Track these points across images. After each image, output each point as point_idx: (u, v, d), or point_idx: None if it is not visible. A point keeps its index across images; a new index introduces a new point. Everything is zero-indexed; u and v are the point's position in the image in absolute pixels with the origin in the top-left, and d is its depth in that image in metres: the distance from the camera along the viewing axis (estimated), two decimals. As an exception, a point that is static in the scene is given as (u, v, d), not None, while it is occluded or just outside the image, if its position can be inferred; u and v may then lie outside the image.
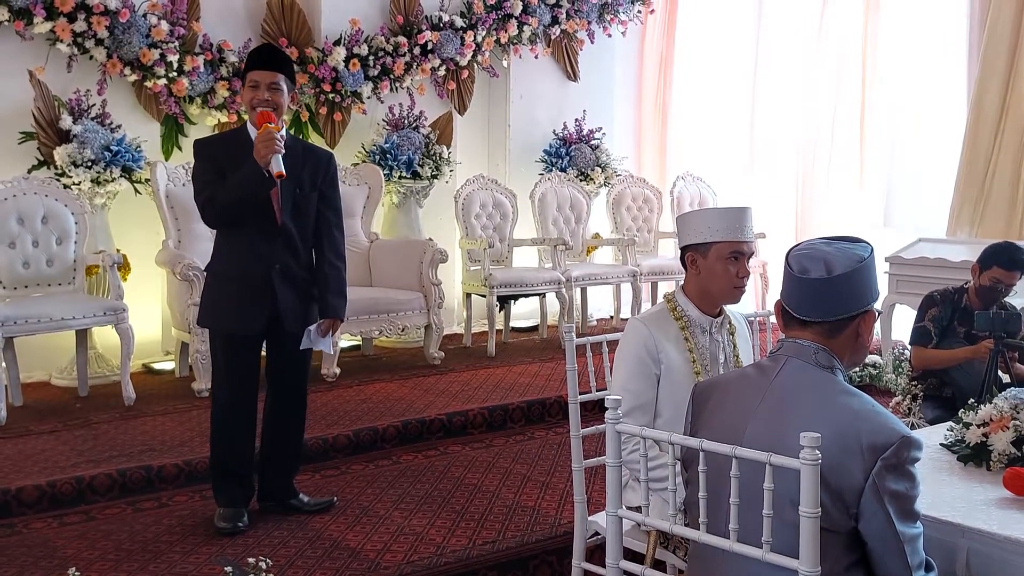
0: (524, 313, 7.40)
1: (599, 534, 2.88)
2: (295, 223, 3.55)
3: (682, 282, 2.82)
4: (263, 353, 3.70)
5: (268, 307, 3.54)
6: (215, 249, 3.65)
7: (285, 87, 3.52)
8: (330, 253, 3.66)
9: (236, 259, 3.54)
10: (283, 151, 3.37)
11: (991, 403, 2.78)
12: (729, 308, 2.82)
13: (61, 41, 5.50)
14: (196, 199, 3.54)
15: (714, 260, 2.67)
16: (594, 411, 3.16)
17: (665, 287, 7.46)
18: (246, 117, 3.59)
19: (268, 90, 3.46)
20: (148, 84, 5.85)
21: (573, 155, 7.58)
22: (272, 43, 5.94)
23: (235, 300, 3.54)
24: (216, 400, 3.66)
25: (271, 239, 3.51)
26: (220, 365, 3.64)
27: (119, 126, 5.65)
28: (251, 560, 3.11)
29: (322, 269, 3.64)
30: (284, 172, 3.37)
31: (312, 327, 3.63)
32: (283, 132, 3.49)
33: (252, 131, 3.50)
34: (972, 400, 2.89)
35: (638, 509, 2.14)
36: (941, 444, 2.77)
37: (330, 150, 3.81)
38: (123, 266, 5.44)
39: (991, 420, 2.69)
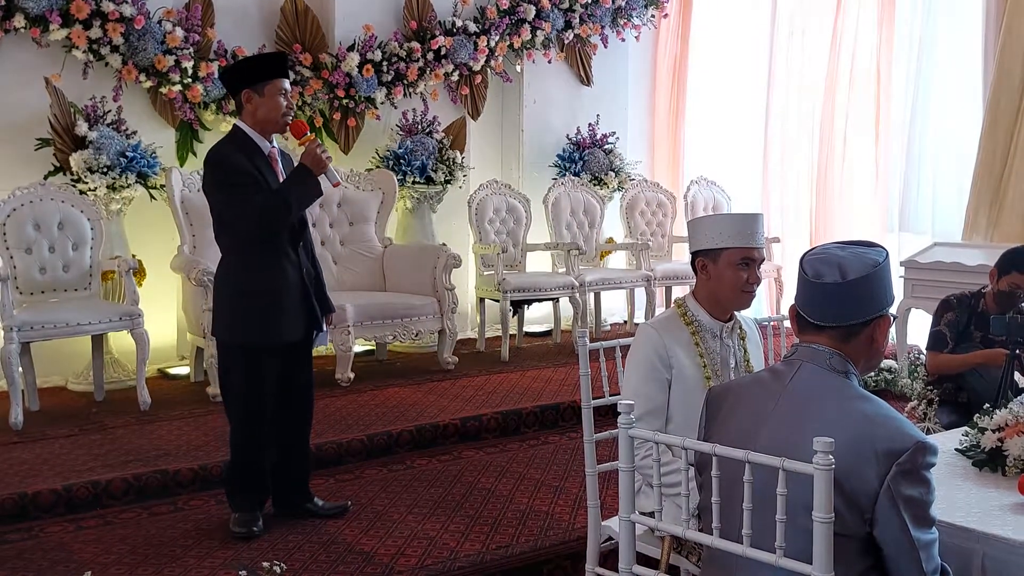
0: (537, 318, 7.40)
1: (613, 539, 2.87)
2: (308, 226, 3.65)
3: (693, 287, 2.82)
4: None
5: (306, 312, 3.59)
6: (239, 263, 3.53)
7: None
8: (313, 251, 3.74)
9: (274, 269, 3.50)
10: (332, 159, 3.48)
11: (1007, 408, 2.76)
12: (740, 313, 2.82)
13: (77, 48, 5.55)
14: (239, 208, 3.42)
15: (724, 266, 2.67)
16: (607, 416, 3.16)
17: (679, 292, 7.45)
18: (239, 122, 3.57)
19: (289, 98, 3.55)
20: (163, 90, 5.89)
21: (586, 160, 7.57)
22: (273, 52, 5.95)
23: (279, 311, 3.52)
24: (242, 414, 3.61)
25: (296, 245, 3.57)
26: (250, 379, 3.57)
27: (134, 132, 5.69)
28: (266, 564, 3.12)
29: (316, 268, 3.72)
30: (340, 181, 3.51)
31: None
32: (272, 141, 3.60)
33: (257, 139, 3.52)
34: (988, 405, 2.87)
35: (651, 514, 2.14)
36: (956, 449, 2.75)
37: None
38: (138, 271, 5.48)
39: (1006, 425, 2.67)
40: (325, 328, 3.74)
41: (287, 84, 3.53)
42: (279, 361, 3.62)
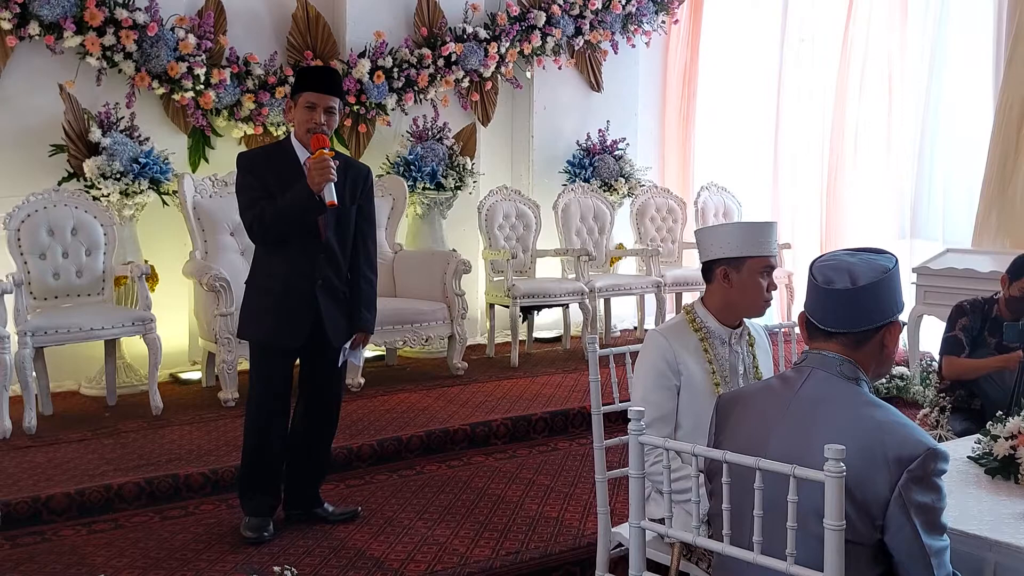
0: (547, 324, 7.40)
1: (622, 545, 2.87)
2: (337, 238, 3.58)
3: (702, 294, 2.82)
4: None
5: (310, 321, 3.57)
6: (256, 262, 3.66)
7: (338, 111, 3.56)
8: (366, 267, 3.71)
9: (279, 273, 3.55)
10: (336, 178, 3.41)
11: (1020, 415, 2.75)
12: (749, 320, 2.82)
13: (91, 55, 5.59)
14: (243, 215, 3.54)
15: (748, 275, 2.68)
16: (617, 422, 3.17)
17: (689, 298, 7.44)
18: (278, 132, 3.61)
19: (324, 113, 3.49)
20: (175, 97, 5.92)
21: (596, 166, 7.58)
22: (328, 67, 5.98)
23: (278, 313, 3.56)
24: (251, 411, 3.67)
25: (314, 254, 3.55)
26: (257, 377, 3.65)
27: (147, 138, 5.72)
28: (276, 569, 3.14)
29: (357, 283, 3.67)
30: (336, 201, 3.41)
31: (347, 344, 3.68)
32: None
33: (299, 149, 3.53)
34: (1001, 412, 2.86)
35: (661, 521, 2.14)
36: (969, 457, 2.74)
37: (367, 164, 3.86)
38: (151, 277, 5.50)
39: (1019, 432, 2.66)
40: (347, 346, 3.68)
41: (319, 98, 3.48)
42: (291, 364, 3.64)
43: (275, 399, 3.63)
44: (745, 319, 2.80)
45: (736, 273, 2.69)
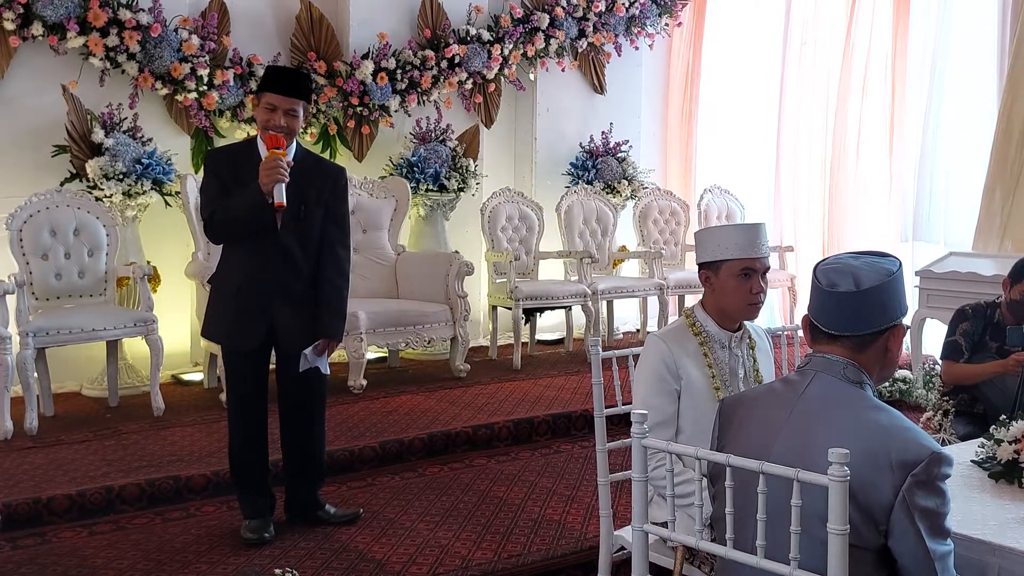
0: (550, 326, 7.40)
1: (625, 549, 2.86)
2: (297, 239, 3.51)
3: (702, 297, 2.82)
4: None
5: (265, 323, 3.53)
6: (220, 260, 3.65)
7: (301, 112, 3.51)
8: (331, 270, 3.59)
9: (236, 273, 3.54)
10: (287, 179, 3.36)
11: (1023, 419, 2.75)
12: (750, 322, 2.81)
13: (94, 55, 5.59)
14: (201, 213, 3.58)
15: (726, 278, 2.67)
16: (620, 425, 3.17)
17: (692, 300, 7.40)
18: (255, 132, 3.60)
19: (285, 116, 3.45)
20: (179, 98, 5.92)
21: (599, 168, 7.57)
22: (293, 68, 5.96)
23: (232, 314, 3.55)
24: (229, 413, 3.70)
25: (270, 255, 3.49)
26: (229, 378, 3.71)
27: (150, 139, 5.72)
28: (278, 571, 3.13)
29: (321, 287, 3.57)
30: (284, 203, 3.35)
31: (308, 349, 3.57)
32: (291, 154, 3.50)
33: (263, 149, 3.48)
34: (1004, 416, 2.85)
35: (664, 524, 2.13)
36: (972, 461, 2.74)
37: (341, 165, 3.80)
38: (153, 278, 5.50)
39: (1023, 437, 2.65)
40: (307, 352, 3.55)
41: (280, 100, 3.44)
42: (261, 365, 3.62)
43: (247, 400, 3.61)
44: (745, 322, 2.79)
45: (715, 276, 2.69)
